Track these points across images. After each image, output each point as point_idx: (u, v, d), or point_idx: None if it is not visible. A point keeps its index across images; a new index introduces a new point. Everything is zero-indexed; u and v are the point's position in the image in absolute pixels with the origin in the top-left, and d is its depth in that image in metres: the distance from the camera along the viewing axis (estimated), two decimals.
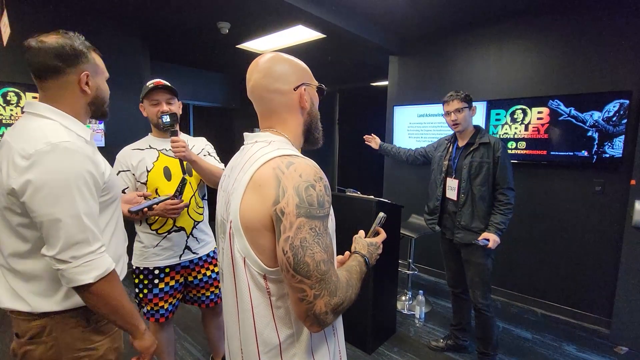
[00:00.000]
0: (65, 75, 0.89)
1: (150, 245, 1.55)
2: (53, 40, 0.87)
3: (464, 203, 1.94)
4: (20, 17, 2.68)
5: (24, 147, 0.80)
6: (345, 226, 2.29)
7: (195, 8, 2.87)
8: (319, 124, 0.86)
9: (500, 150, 1.87)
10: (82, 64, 0.91)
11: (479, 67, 3.08)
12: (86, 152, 0.87)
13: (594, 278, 2.60)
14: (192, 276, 1.68)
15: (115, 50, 3.32)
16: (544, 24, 2.70)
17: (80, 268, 0.82)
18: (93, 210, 0.88)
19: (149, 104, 1.54)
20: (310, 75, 0.83)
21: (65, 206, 0.81)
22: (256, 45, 3.85)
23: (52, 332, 0.90)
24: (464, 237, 1.95)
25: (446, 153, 2.08)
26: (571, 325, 2.64)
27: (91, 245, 0.84)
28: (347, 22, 2.87)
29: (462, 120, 1.92)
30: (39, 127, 0.85)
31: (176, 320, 1.66)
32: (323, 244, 0.66)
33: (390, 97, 3.75)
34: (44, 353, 0.90)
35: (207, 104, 5.35)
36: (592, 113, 2.47)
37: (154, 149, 1.57)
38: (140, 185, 1.54)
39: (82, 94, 0.93)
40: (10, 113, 2.73)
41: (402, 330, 2.51)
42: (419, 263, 3.56)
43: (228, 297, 0.77)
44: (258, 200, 0.67)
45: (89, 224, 0.85)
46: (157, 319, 1.60)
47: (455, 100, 1.91)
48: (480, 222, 1.90)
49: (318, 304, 0.64)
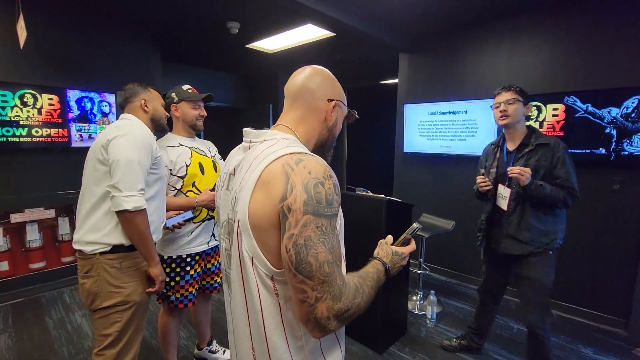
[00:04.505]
0: (133, 103, 1.50)
1: (185, 234, 1.70)
2: (127, 86, 1.52)
3: (513, 210, 1.75)
4: (36, 20, 2.74)
5: (117, 123, 1.43)
6: (355, 225, 2.29)
7: (205, 8, 2.89)
8: (332, 147, 0.89)
9: (561, 150, 1.66)
10: (141, 94, 1.51)
11: (491, 63, 3.02)
12: (150, 133, 1.45)
13: (611, 279, 2.53)
14: (211, 263, 1.86)
15: (127, 53, 3.37)
16: (558, 19, 2.63)
17: (126, 197, 1.23)
18: (145, 165, 1.32)
19: (189, 107, 1.73)
20: (344, 103, 0.87)
21: (129, 153, 1.27)
22: (265, 45, 3.85)
23: (96, 269, 1.28)
24: (509, 247, 1.76)
25: (494, 159, 1.88)
26: (588, 327, 2.57)
27: (136, 184, 1.26)
28: (356, 20, 2.85)
29: (512, 113, 1.70)
30: (127, 119, 1.46)
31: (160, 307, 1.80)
32: (329, 244, 0.63)
33: (401, 95, 3.71)
34: (92, 285, 1.29)
35: (216, 104, 5.39)
36: (610, 109, 2.40)
37: (185, 146, 1.73)
38: (176, 180, 1.67)
39: (145, 113, 1.51)
40: (27, 114, 2.80)
41: (413, 330, 2.48)
42: (430, 263, 3.53)
43: (237, 299, 0.74)
44: (266, 198, 0.65)
45: (139, 170, 1.28)
46: (185, 304, 1.73)
47: (509, 91, 1.72)
48: (529, 233, 1.70)
49: (319, 307, 0.62)
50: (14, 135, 2.74)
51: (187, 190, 1.70)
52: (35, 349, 2.21)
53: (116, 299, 1.28)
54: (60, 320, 2.55)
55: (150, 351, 2.20)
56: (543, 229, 1.71)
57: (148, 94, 1.52)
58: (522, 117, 1.74)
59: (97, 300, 1.27)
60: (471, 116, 3.10)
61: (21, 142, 2.78)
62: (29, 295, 2.93)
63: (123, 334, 1.29)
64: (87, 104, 3.10)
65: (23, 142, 2.79)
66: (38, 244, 3.01)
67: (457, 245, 3.36)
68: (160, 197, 1.47)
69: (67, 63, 3.02)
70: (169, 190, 1.68)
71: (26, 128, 2.79)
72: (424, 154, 3.51)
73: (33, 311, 2.69)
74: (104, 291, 1.27)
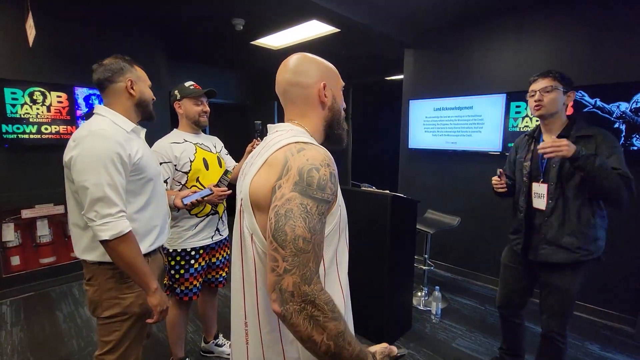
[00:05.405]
0: (116, 83, 1.23)
1: (189, 228, 1.73)
2: (106, 61, 1.23)
3: (552, 211, 1.51)
4: (45, 19, 2.78)
5: (76, 134, 1.15)
6: (361, 221, 2.30)
7: (210, 5, 2.90)
8: (342, 122, 0.89)
9: (606, 139, 1.44)
10: (127, 74, 1.24)
11: (497, 58, 2.99)
12: (117, 139, 1.15)
13: (618, 276, 2.50)
14: (216, 257, 1.90)
15: (133, 50, 3.40)
16: (566, 12, 2.59)
17: (100, 227, 1.08)
18: (116, 182, 1.12)
19: (191, 103, 1.73)
20: (336, 75, 0.87)
21: (92, 176, 1.08)
22: (270, 41, 3.85)
23: (97, 278, 1.22)
24: (550, 255, 1.52)
25: (527, 152, 1.64)
26: (594, 323, 2.56)
27: (110, 208, 1.09)
28: (361, 15, 2.84)
29: (548, 103, 1.48)
30: (91, 121, 1.20)
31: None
32: (310, 223, 0.63)
33: (406, 91, 3.69)
34: (93, 293, 1.23)
35: (221, 101, 5.41)
36: (619, 104, 2.37)
37: (190, 142, 1.75)
38: (181, 175, 1.70)
39: (130, 97, 1.26)
40: (37, 112, 2.84)
41: (418, 326, 2.49)
42: (435, 259, 3.52)
43: (235, 270, 0.80)
44: (266, 178, 0.70)
45: (109, 191, 1.10)
46: (190, 297, 1.78)
47: (546, 78, 1.49)
48: (574, 238, 1.46)
49: (287, 279, 0.60)
50: (24, 132, 2.79)
51: (192, 185, 1.73)
52: (47, 342, 2.26)
53: (115, 309, 1.23)
54: (70, 314, 2.60)
55: (158, 344, 2.23)
56: (588, 232, 1.47)
57: (135, 72, 1.27)
58: (561, 107, 1.51)
59: (98, 309, 1.24)
60: (477, 111, 3.07)
61: (31, 139, 2.83)
62: (39, 289, 2.99)
63: (122, 342, 1.27)
64: (95, 101, 3.14)
65: (33, 139, 2.84)
66: (48, 239, 3.07)
67: (463, 241, 3.35)
68: (156, 199, 1.33)
69: (75, 61, 3.06)
70: (174, 185, 1.71)
71: (36, 125, 2.84)
72: (429, 150, 3.49)
73: (44, 305, 2.75)
74: (104, 301, 1.23)
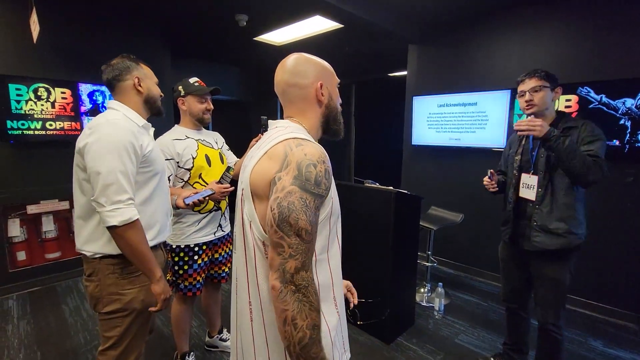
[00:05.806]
0: (124, 82, 1.29)
1: (192, 224, 1.73)
2: (113, 61, 1.29)
3: (542, 200, 1.60)
4: (48, 15, 2.78)
5: (92, 123, 1.20)
6: (364, 217, 2.30)
7: (213, 1, 2.88)
8: (339, 118, 0.94)
9: (587, 128, 1.53)
10: (133, 72, 1.30)
11: (502, 54, 2.97)
12: (130, 129, 1.21)
13: (622, 272, 2.50)
14: (219, 253, 1.90)
15: (137, 46, 3.40)
16: (571, 8, 2.57)
17: (110, 212, 1.10)
18: (128, 169, 1.16)
19: (196, 101, 1.73)
20: (331, 74, 0.91)
21: (106, 162, 1.12)
22: (273, 37, 3.84)
23: (97, 274, 1.23)
24: (543, 241, 1.59)
25: (518, 147, 1.74)
26: (597, 320, 2.56)
27: (120, 195, 1.12)
28: (365, 11, 2.82)
29: (538, 101, 1.57)
30: (107, 113, 1.26)
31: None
32: (310, 217, 0.69)
33: (409, 88, 3.68)
34: (93, 290, 1.24)
35: (224, 98, 5.40)
36: (625, 100, 2.35)
37: (192, 139, 1.74)
38: (183, 172, 1.69)
39: (138, 93, 1.32)
40: (42, 108, 2.85)
41: (421, 322, 2.50)
42: (438, 255, 3.52)
43: (239, 253, 0.84)
44: (266, 171, 0.75)
45: (121, 178, 1.13)
46: (194, 292, 1.79)
47: (533, 78, 1.59)
48: (562, 222, 1.55)
49: (290, 262, 0.67)
50: (28, 128, 2.80)
51: (194, 182, 1.72)
52: (53, 335, 2.29)
53: (116, 305, 1.23)
54: (76, 308, 2.63)
55: (162, 338, 2.25)
56: (574, 216, 1.56)
57: (141, 70, 1.34)
58: (550, 104, 1.61)
59: (99, 304, 1.24)
60: (481, 108, 3.06)
61: (36, 135, 2.84)
62: (45, 284, 3.02)
63: (124, 338, 1.26)
64: (99, 97, 3.15)
65: (38, 135, 2.85)
66: (53, 234, 3.09)
67: (466, 238, 3.35)
68: (160, 195, 1.34)
69: (79, 57, 3.06)
70: (177, 182, 1.70)
71: (40, 121, 2.85)
72: (432, 147, 3.48)
73: (50, 299, 2.78)
74: (104, 296, 1.23)
